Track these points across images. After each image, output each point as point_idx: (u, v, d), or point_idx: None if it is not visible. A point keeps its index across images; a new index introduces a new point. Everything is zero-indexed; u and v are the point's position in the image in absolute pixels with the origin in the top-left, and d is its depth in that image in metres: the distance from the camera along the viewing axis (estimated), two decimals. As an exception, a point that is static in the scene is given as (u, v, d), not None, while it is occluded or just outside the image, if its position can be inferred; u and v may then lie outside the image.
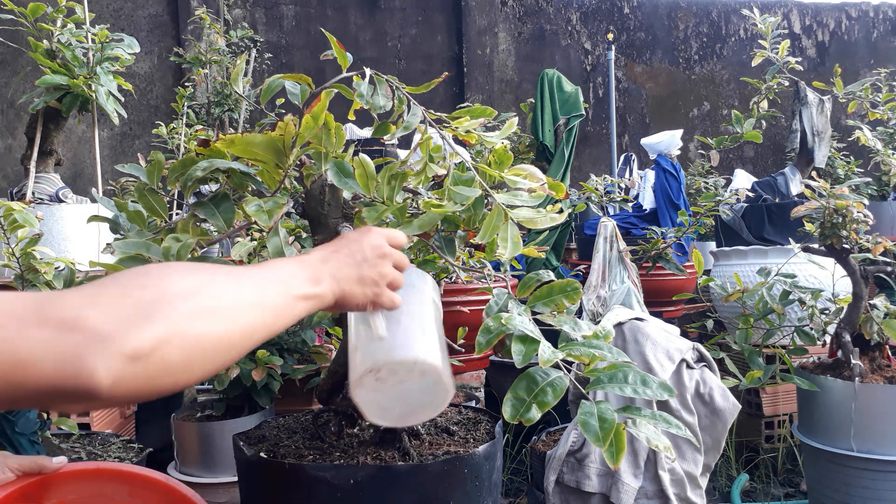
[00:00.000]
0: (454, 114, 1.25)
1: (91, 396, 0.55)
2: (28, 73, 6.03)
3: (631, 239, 3.53)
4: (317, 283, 0.81)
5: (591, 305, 2.86)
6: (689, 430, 1.93)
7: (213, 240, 1.11)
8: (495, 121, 4.21)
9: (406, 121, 1.18)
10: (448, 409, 1.54)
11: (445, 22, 7.59)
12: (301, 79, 1.19)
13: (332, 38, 1.16)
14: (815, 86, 3.49)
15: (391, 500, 1.15)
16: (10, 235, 1.72)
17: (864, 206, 2.21)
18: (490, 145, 1.21)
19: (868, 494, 2.08)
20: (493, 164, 1.18)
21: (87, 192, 4.68)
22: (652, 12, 8.11)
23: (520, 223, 1.09)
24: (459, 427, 1.40)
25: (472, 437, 1.34)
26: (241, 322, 0.68)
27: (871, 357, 2.28)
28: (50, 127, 2.60)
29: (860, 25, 8.46)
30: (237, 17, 7.03)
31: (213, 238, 1.11)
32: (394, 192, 1.13)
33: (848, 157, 4.31)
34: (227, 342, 0.66)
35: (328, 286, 0.82)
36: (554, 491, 1.98)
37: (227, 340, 0.66)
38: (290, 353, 2.15)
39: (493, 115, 1.26)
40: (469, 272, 1.64)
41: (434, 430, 1.37)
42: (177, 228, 1.09)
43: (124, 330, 0.57)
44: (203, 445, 2.06)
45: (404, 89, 1.20)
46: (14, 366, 0.53)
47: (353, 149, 1.22)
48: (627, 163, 6.53)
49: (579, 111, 3.83)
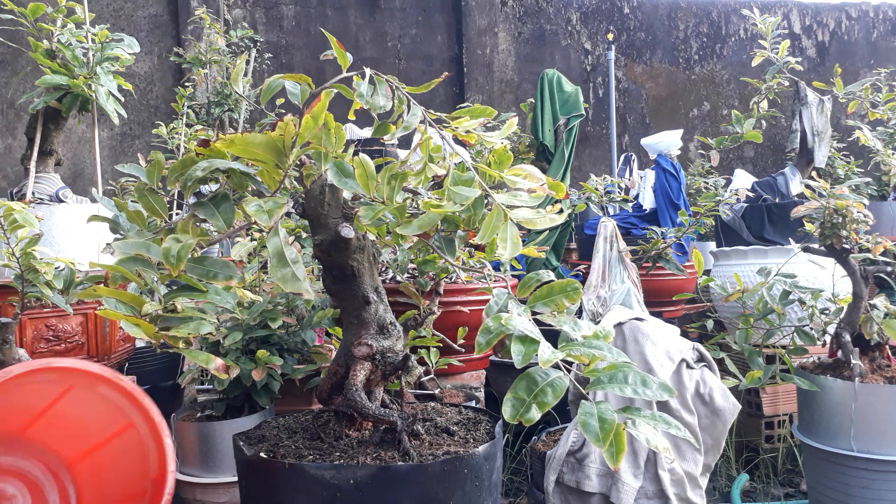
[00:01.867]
0: (454, 114, 1.25)
1: None
2: (28, 73, 6.03)
3: (631, 239, 3.53)
4: None
5: (591, 305, 2.86)
6: (689, 430, 1.93)
7: (212, 240, 1.11)
8: (495, 121, 4.22)
9: (406, 121, 1.18)
10: (448, 409, 1.54)
11: (445, 22, 7.59)
12: (301, 79, 1.19)
13: (332, 39, 1.16)
14: (815, 86, 3.49)
15: (391, 500, 1.15)
16: (10, 235, 1.71)
17: (864, 206, 2.21)
18: (490, 145, 1.21)
19: (868, 494, 2.08)
20: (492, 164, 1.18)
21: (87, 192, 4.68)
22: (652, 12, 8.11)
23: (519, 223, 1.09)
24: (459, 427, 1.40)
25: (472, 437, 1.34)
26: None
27: (871, 357, 2.27)
28: (50, 127, 2.60)
29: (860, 25, 8.46)
30: (237, 17, 7.02)
31: (213, 238, 1.11)
32: (393, 192, 1.13)
33: (848, 157, 4.31)
34: None
35: None
36: (554, 491, 1.98)
37: None
38: (290, 353, 2.15)
39: (493, 114, 1.26)
40: (469, 272, 1.64)
41: (434, 430, 1.37)
42: (177, 229, 1.09)
43: None
44: (203, 445, 2.06)
45: (404, 89, 1.19)
46: None
47: (353, 149, 1.22)
48: (627, 163, 6.53)
49: (579, 111, 3.83)
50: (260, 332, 2.04)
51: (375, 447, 1.25)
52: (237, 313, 2.01)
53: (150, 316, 1.08)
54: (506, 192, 1.13)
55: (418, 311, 1.77)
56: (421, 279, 2.32)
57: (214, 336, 2.01)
